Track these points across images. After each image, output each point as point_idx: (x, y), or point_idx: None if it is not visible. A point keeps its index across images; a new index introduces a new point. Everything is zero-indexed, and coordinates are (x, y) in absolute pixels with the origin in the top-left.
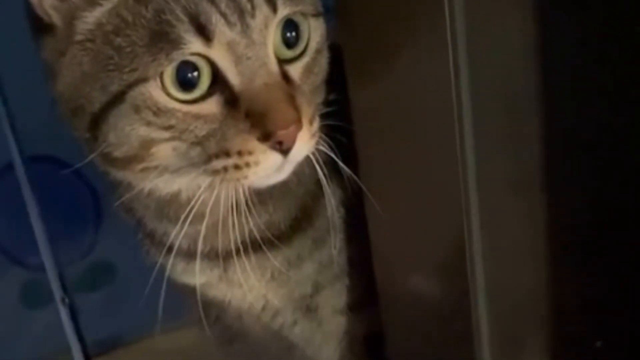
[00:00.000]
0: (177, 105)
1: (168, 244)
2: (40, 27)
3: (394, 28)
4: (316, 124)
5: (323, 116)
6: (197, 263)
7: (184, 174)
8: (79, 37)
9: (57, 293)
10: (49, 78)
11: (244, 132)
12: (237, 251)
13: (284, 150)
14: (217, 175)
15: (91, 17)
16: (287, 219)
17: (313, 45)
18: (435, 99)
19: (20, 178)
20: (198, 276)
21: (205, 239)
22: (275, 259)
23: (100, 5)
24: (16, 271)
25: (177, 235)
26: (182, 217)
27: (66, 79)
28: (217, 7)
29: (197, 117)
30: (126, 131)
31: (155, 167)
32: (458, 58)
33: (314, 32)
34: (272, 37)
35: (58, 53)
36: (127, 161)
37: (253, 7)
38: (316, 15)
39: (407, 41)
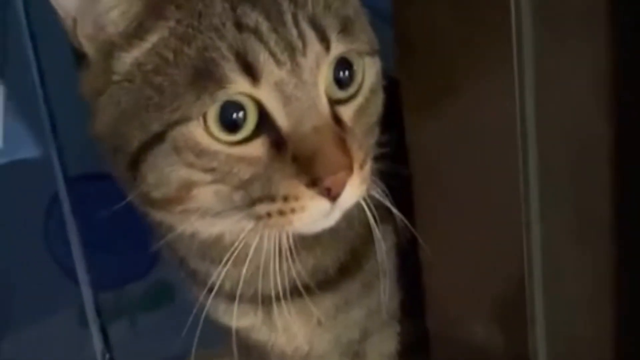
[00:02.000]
0: (220, 147)
1: (210, 284)
2: (77, 57)
3: (458, 65)
4: (367, 168)
5: (375, 158)
6: (235, 306)
7: (226, 217)
8: (116, 78)
9: (99, 350)
10: (89, 116)
11: (291, 177)
12: (281, 296)
13: (333, 196)
14: (261, 220)
15: (129, 58)
16: (335, 263)
17: (367, 85)
18: (499, 141)
19: (63, 199)
20: (236, 319)
21: (247, 281)
22: (321, 305)
23: (140, 45)
24: (75, 291)
25: (219, 276)
26: (225, 259)
27: (104, 118)
28: (266, 44)
29: (241, 159)
30: (165, 172)
31: (196, 210)
32: (525, 99)
33: (369, 70)
34: (324, 76)
35: (96, 91)
36: (166, 202)
37: (304, 45)
38: (371, 53)
39: (472, 79)
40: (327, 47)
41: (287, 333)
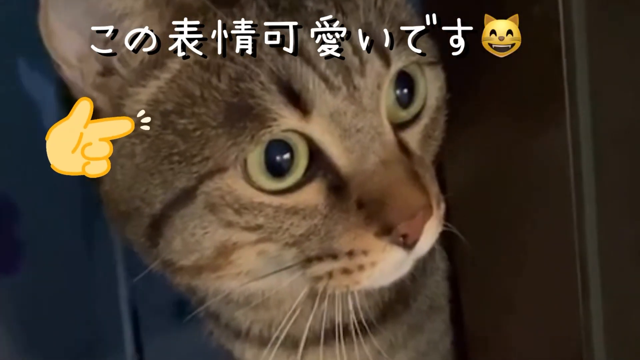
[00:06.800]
0: (267, 199)
1: (235, 328)
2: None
3: None
4: (443, 205)
5: None
6: (267, 352)
7: (273, 279)
8: None
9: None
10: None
11: (357, 227)
12: (317, 340)
13: (410, 244)
14: (319, 282)
15: (144, 94)
16: (379, 302)
17: (432, 103)
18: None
19: None
20: None
21: (278, 325)
22: (362, 349)
23: (156, 77)
24: None
25: (246, 320)
26: (253, 303)
27: (115, 176)
28: (315, 67)
29: (293, 211)
30: (198, 236)
31: (236, 275)
32: None
33: (432, 84)
34: (385, 98)
35: None
36: (197, 271)
37: (362, 63)
38: (432, 63)
39: None
40: (388, 62)
41: None
